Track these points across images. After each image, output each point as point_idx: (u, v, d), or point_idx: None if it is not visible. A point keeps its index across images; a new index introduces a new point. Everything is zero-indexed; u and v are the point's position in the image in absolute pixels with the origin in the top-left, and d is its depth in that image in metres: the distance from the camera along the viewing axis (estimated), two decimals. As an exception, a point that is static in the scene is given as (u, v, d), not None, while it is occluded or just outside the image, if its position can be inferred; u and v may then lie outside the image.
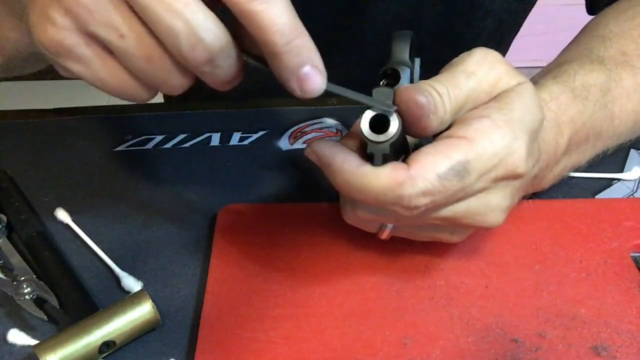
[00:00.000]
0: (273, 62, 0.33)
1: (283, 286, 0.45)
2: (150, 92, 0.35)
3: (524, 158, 0.39)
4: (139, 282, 0.47)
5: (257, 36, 0.32)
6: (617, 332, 0.42)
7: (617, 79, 0.50)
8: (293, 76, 0.33)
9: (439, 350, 0.41)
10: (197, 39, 0.31)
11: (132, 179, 0.56)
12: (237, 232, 0.49)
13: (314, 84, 0.33)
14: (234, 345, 0.42)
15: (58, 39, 0.32)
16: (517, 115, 0.39)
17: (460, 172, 0.37)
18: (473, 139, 0.38)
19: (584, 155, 0.50)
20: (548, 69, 0.52)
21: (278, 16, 0.31)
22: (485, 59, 0.41)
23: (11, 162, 0.58)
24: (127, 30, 0.32)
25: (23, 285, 0.45)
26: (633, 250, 0.47)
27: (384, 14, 0.68)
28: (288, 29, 0.32)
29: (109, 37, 0.32)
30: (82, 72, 0.34)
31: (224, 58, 0.32)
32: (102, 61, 0.33)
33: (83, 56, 0.33)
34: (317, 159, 0.40)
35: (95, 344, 0.41)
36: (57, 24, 0.32)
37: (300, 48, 0.32)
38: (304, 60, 0.33)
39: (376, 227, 0.43)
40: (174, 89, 0.34)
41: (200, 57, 0.32)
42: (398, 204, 0.37)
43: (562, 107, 0.47)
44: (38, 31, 0.33)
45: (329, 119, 0.62)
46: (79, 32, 0.32)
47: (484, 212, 0.40)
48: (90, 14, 0.31)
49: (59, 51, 0.33)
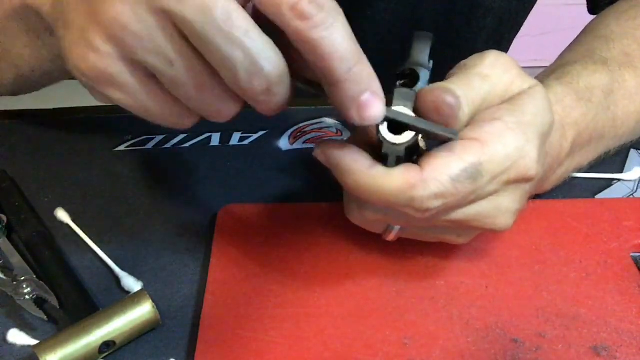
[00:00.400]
0: (332, 89, 0.32)
1: (283, 286, 0.45)
2: (195, 118, 0.33)
3: (536, 161, 0.39)
4: (139, 282, 0.47)
5: (316, 63, 0.31)
6: (617, 332, 0.42)
7: (620, 81, 0.50)
8: (353, 104, 0.32)
9: (439, 350, 0.41)
10: (256, 68, 0.29)
11: (132, 179, 0.56)
12: (237, 232, 0.49)
13: (374, 111, 0.33)
14: (234, 345, 0.42)
15: (100, 67, 0.30)
16: (528, 118, 0.39)
17: (473, 175, 0.37)
18: (486, 141, 0.37)
19: (586, 157, 0.50)
20: (551, 70, 0.51)
21: (340, 43, 0.30)
22: (498, 62, 0.40)
23: (11, 162, 0.58)
24: (178, 58, 0.30)
25: (23, 285, 0.45)
26: (633, 250, 0.47)
27: (384, 12, 0.68)
28: (349, 56, 0.30)
29: (158, 65, 0.30)
30: (124, 100, 0.32)
31: (280, 86, 0.31)
32: (147, 89, 0.31)
33: (126, 84, 0.31)
34: (326, 160, 0.39)
35: (95, 344, 0.41)
36: (100, 51, 0.30)
37: (361, 75, 0.31)
38: (364, 88, 0.32)
39: (382, 228, 0.43)
40: (223, 117, 0.33)
41: (258, 87, 0.30)
42: (410, 206, 0.37)
43: (567, 109, 0.46)
44: (75, 57, 0.31)
45: (329, 119, 0.62)
46: (124, 59, 0.30)
47: (494, 215, 0.40)
48: (139, 41, 0.29)
49: (100, 79, 0.31)
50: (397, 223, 0.41)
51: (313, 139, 0.60)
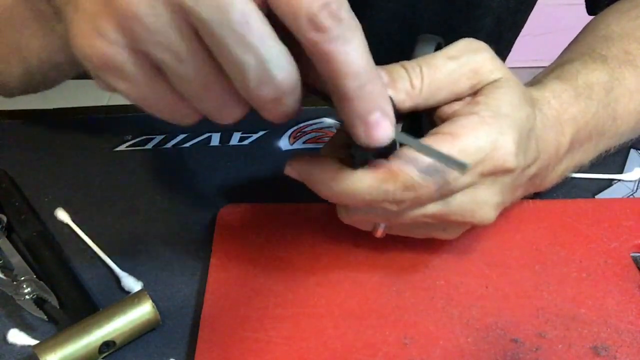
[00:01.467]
0: (341, 104, 0.31)
1: (283, 286, 0.45)
2: (197, 116, 0.33)
3: (512, 153, 0.39)
4: (139, 282, 0.47)
5: (329, 77, 0.30)
6: (617, 332, 0.42)
7: (620, 78, 0.50)
8: (361, 122, 0.32)
9: (439, 350, 0.41)
10: (267, 76, 0.29)
11: (132, 179, 0.56)
12: (237, 232, 0.49)
13: (382, 132, 0.32)
14: (234, 345, 0.42)
15: (107, 54, 0.29)
16: (504, 111, 0.39)
17: (443, 168, 0.37)
18: (458, 134, 0.38)
19: (586, 155, 0.50)
20: (550, 69, 0.51)
21: (354, 59, 0.29)
22: (469, 47, 0.41)
23: (11, 162, 0.58)
24: (188, 55, 0.29)
25: (23, 285, 0.45)
26: (633, 250, 0.47)
27: (382, 11, 0.68)
28: (363, 73, 0.30)
29: (167, 60, 0.29)
30: (127, 90, 0.31)
31: (290, 96, 0.30)
32: (151, 81, 0.30)
33: (131, 75, 0.30)
34: (298, 175, 0.40)
35: (95, 344, 0.41)
36: (108, 38, 0.29)
37: (372, 94, 0.31)
38: (374, 107, 0.31)
39: (371, 226, 0.43)
40: (226, 119, 0.32)
41: (267, 94, 0.29)
42: (385, 200, 0.38)
43: (565, 105, 0.46)
44: (82, 42, 0.30)
45: (329, 119, 0.62)
46: (131, 49, 0.29)
47: (472, 208, 0.40)
48: (149, 33, 0.28)
49: (105, 67, 0.30)
50: (380, 220, 0.42)
51: (313, 139, 0.60)
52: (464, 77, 0.40)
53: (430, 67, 0.39)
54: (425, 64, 0.39)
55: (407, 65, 0.39)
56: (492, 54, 0.41)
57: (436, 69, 0.39)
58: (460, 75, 0.40)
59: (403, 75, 0.39)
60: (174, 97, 0.31)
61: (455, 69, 0.40)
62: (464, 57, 0.40)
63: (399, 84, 0.39)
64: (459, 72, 0.40)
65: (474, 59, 0.40)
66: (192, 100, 0.31)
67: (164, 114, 0.32)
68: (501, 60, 0.42)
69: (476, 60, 0.40)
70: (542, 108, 0.45)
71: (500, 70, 0.41)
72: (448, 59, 0.40)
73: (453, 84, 0.40)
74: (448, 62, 0.40)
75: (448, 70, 0.40)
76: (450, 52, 0.40)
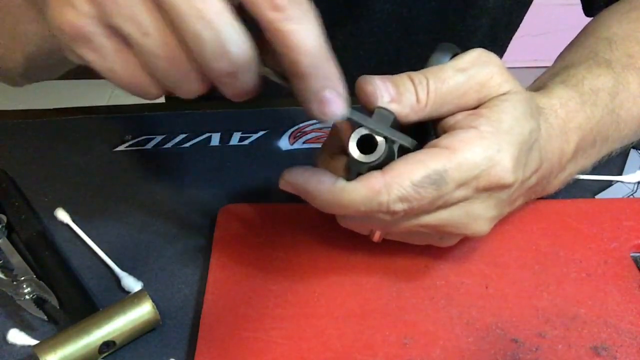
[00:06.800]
0: (296, 81, 0.33)
1: (283, 286, 0.45)
2: (161, 90, 0.34)
3: (510, 169, 0.39)
4: (139, 282, 0.47)
5: (284, 54, 0.32)
6: (617, 332, 0.42)
7: (624, 83, 0.50)
8: (314, 98, 0.33)
9: (439, 350, 0.41)
10: (223, 50, 0.30)
11: (132, 179, 0.56)
12: (237, 232, 0.49)
13: (334, 108, 0.34)
14: (234, 345, 0.42)
15: (77, 25, 0.31)
16: (505, 127, 0.39)
17: (437, 181, 0.38)
18: (455, 149, 0.38)
19: (589, 160, 0.50)
20: (554, 72, 0.51)
21: (308, 38, 0.31)
22: (479, 59, 0.41)
23: (11, 162, 0.58)
24: (153, 29, 0.31)
25: (23, 285, 0.45)
26: (633, 250, 0.47)
27: (379, 12, 0.68)
28: (316, 53, 0.32)
29: (133, 33, 0.31)
30: (95, 62, 0.33)
31: (246, 72, 0.32)
32: (119, 54, 0.32)
33: (100, 46, 0.32)
34: (293, 189, 0.41)
35: (95, 344, 0.41)
36: (79, 10, 0.31)
37: (325, 72, 0.33)
38: (327, 85, 0.33)
39: (368, 231, 0.44)
40: (188, 94, 0.34)
41: (223, 68, 0.31)
42: (379, 210, 0.38)
43: (571, 114, 0.46)
44: (55, 13, 0.32)
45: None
46: (101, 22, 0.31)
47: (466, 221, 0.41)
48: (117, 7, 0.30)
49: (76, 37, 0.32)
50: (377, 228, 0.43)
51: (313, 139, 0.60)
52: (472, 90, 0.40)
53: (437, 80, 0.39)
54: (433, 76, 0.40)
55: (414, 77, 0.40)
56: (502, 66, 0.41)
57: (443, 81, 0.40)
58: (467, 89, 0.40)
59: (409, 88, 0.39)
60: (139, 71, 0.33)
61: (463, 82, 0.40)
62: (473, 69, 0.40)
63: (405, 98, 0.39)
64: (467, 85, 0.40)
65: (483, 72, 0.40)
66: (156, 73, 0.33)
67: (130, 87, 0.34)
68: (510, 73, 0.41)
69: (484, 73, 0.40)
70: (548, 118, 0.45)
71: (508, 82, 0.41)
72: (457, 71, 0.40)
73: (459, 97, 0.40)
74: (456, 75, 0.40)
75: (455, 83, 0.40)
76: (460, 64, 0.40)
